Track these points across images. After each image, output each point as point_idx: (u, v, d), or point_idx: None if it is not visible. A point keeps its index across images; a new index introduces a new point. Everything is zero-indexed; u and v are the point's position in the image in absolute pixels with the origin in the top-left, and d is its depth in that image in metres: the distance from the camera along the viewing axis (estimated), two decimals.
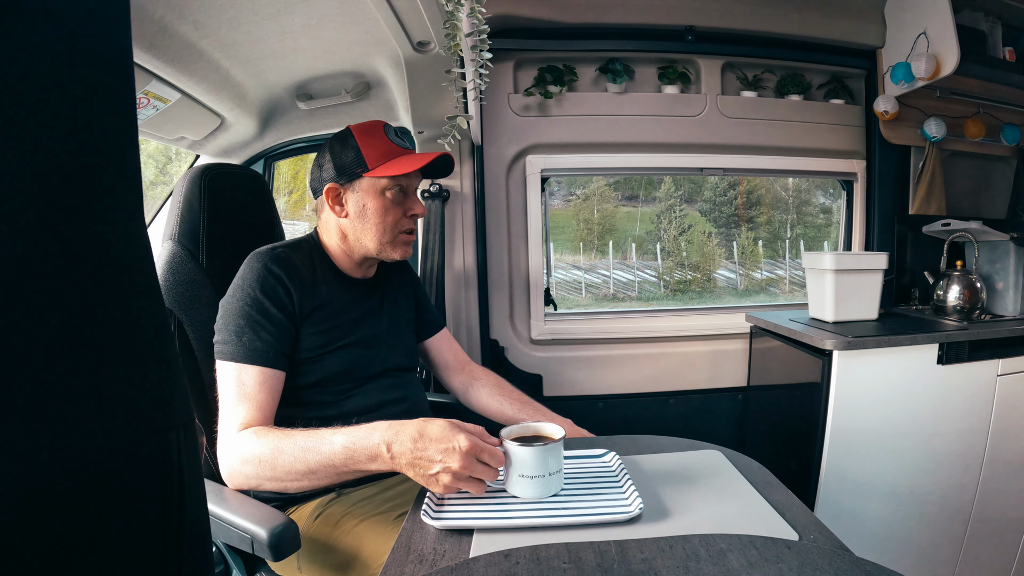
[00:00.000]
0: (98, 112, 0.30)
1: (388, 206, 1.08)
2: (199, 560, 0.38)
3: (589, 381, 2.10)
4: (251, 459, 0.88)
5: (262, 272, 1.02)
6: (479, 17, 1.09)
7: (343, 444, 0.84)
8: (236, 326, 0.98)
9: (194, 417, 0.38)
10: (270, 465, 0.87)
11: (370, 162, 1.06)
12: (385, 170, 1.05)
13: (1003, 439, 1.70)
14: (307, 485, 0.88)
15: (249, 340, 0.97)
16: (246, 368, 0.96)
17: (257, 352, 0.96)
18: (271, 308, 0.99)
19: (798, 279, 3.62)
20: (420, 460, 0.78)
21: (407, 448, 0.79)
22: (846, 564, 0.58)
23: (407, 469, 0.80)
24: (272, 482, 0.88)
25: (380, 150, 1.06)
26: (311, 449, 0.86)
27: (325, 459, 0.85)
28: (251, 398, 0.95)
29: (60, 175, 0.28)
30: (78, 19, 0.28)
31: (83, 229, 0.29)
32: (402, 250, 1.12)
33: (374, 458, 0.82)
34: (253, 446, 0.89)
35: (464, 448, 0.76)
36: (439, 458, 0.77)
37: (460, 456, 0.76)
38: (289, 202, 3.20)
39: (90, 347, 0.30)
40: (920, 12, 1.90)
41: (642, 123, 2.05)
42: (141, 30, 1.08)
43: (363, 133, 1.08)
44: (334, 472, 0.86)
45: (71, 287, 0.29)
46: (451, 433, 0.77)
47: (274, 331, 0.99)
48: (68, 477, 0.28)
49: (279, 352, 0.99)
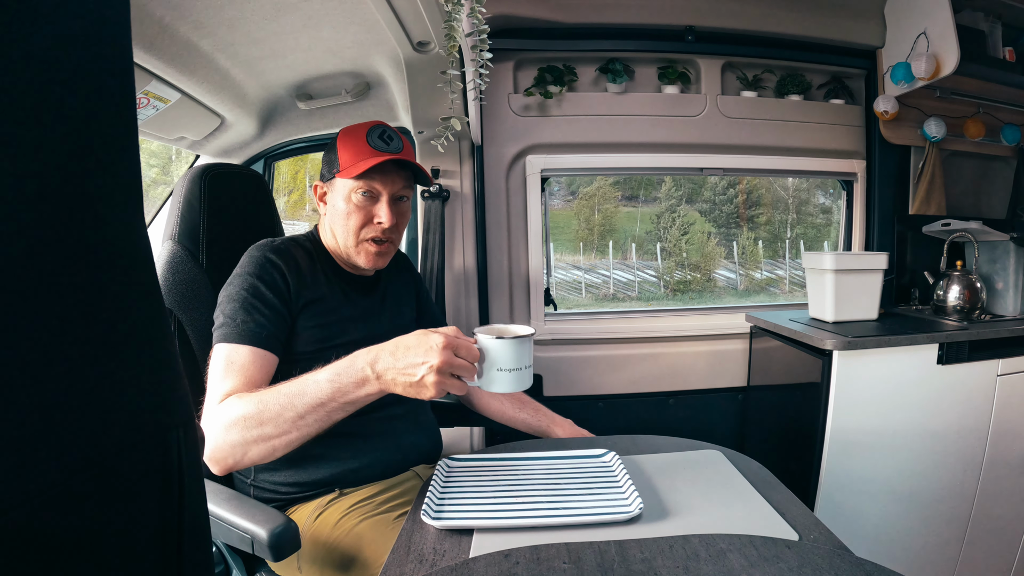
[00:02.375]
0: (98, 112, 0.30)
1: (352, 209, 1.06)
2: (199, 560, 0.38)
3: (589, 381, 2.10)
4: (235, 421, 0.85)
5: (260, 260, 1.03)
6: (479, 17, 1.09)
7: (327, 379, 0.84)
8: (231, 310, 0.98)
9: (194, 417, 0.38)
10: (256, 421, 0.84)
11: (342, 162, 1.06)
12: (348, 172, 1.04)
13: (1003, 439, 1.70)
14: (296, 438, 0.86)
15: (243, 321, 0.96)
16: (238, 348, 0.95)
17: (250, 332, 0.96)
18: (267, 293, 1.00)
19: (798, 279, 3.62)
20: (404, 369, 0.79)
21: (389, 363, 0.81)
22: (846, 564, 0.58)
23: (394, 385, 0.81)
24: (259, 444, 0.85)
25: (352, 151, 1.06)
26: (296, 394, 0.84)
27: (312, 399, 0.83)
28: (240, 371, 0.93)
29: (60, 175, 0.28)
30: (78, 19, 0.28)
31: (83, 229, 0.29)
32: (367, 258, 1.09)
33: (361, 383, 0.82)
34: (236, 408, 0.86)
35: (441, 344, 0.78)
36: (421, 360, 0.78)
37: (439, 352, 0.77)
38: (289, 202, 3.20)
39: (90, 347, 0.30)
40: (920, 12, 1.90)
41: (642, 123, 2.05)
42: (141, 30, 1.08)
43: (346, 133, 1.08)
44: (324, 412, 0.84)
45: (71, 287, 0.29)
46: (425, 336, 0.80)
47: (269, 314, 0.99)
48: (68, 477, 0.28)
49: (272, 335, 0.98)
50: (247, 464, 0.89)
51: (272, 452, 0.87)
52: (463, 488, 0.85)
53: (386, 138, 1.08)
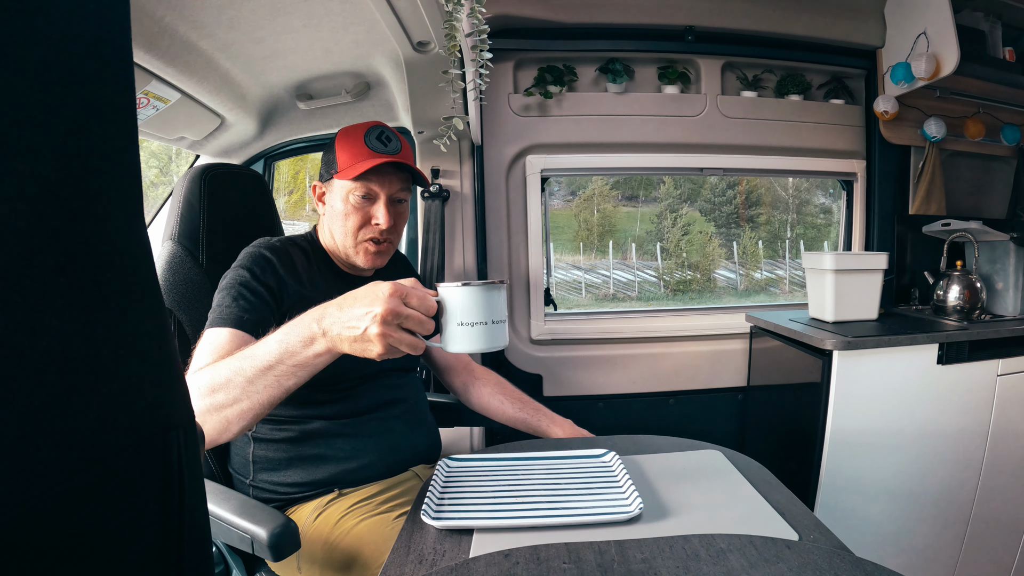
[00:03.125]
0: (98, 112, 0.30)
1: (350, 211, 1.07)
2: (199, 560, 0.38)
3: (589, 381, 2.10)
4: (194, 391, 0.80)
5: (254, 254, 1.05)
6: (479, 17, 1.09)
7: (276, 339, 0.78)
8: (219, 299, 1.00)
9: (194, 417, 0.38)
10: (208, 389, 0.80)
11: (340, 164, 1.06)
12: (346, 173, 1.05)
13: (1003, 439, 1.70)
14: (248, 408, 0.79)
15: (227, 307, 0.97)
16: (219, 331, 0.95)
17: (232, 317, 0.96)
18: (254, 283, 1.01)
19: (798, 279, 3.62)
20: (348, 322, 0.72)
21: (336, 317, 0.74)
22: (846, 564, 0.58)
23: (340, 341, 0.74)
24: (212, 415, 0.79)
25: (350, 152, 1.06)
26: (246, 357, 0.79)
27: (261, 362, 0.78)
28: (215, 351, 0.91)
29: (60, 175, 0.28)
30: (78, 19, 0.28)
31: (83, 229, 0.29)
32: (365, 257, 1.10)
33: (309, 341, 0.76)
34: (193, 379, 0.82)
35: (387, 292, 0.70)
36: (364, 311, 0.71)
37: (384, 300, 0.70)
38: (289, 202, 3.20)
39: (90, 347, 0.30)
40: (920, 12, 1.90)
41: (642, 123, 2.05)
42: (141, 30, 1.08)
43: (345, 134, 1.08)
44: (273, 376, 0.78)
45: (70, 287, 0.29)
46: (374, 286, 0.73)
47: (255, 301, 0.99)
48: (67, 477, 0.28)
49: (254, 321, 0.96)
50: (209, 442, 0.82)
51: (226, 425, 0.80)
52: (463, 488, 0.85)
53: (384, 139, 1.08)
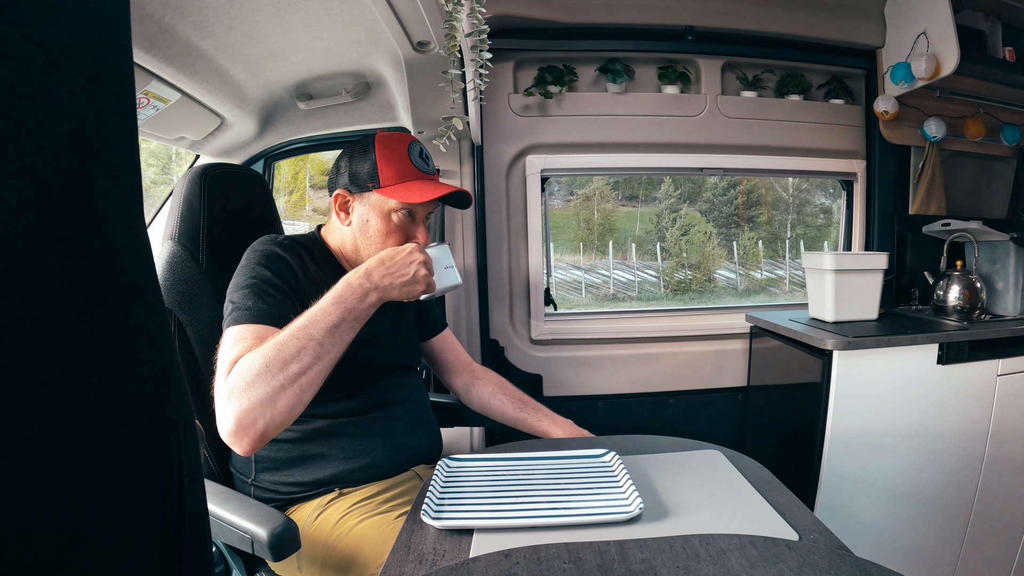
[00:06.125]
0: (98, 112, 0.30)
1: (392, 229, 1.05)
2: (199, 560, 0.38)
3: (589, 381, 2.10)
4: (257, 375, 0.82)
5: (268, 251, 1.02)
6: (479, 17, 1.09)
7: (331, 303, 0.89)
8: (240, 297, 0.96)
9: (194, 417, 0.38)
10: (280, 364, 0.82)
11: (384, 179, 1.03)
12: (396, 192, 1.02)
13: (1003, 439, 1.70)
14: (318, 371, 0.85)
15: (253, 304, 0.94)
16: (248, 327, 0.92)
17: (262, 313, 0.93)
18: (275, 279, 0.98)
19: (798, 279, 3.62)
20: (398, 272, 0.94)
21: (382, 272, 0.93)
22: (846, 564, 0.58)
23: (392, 289, 0.93)
24: (288, 389, 0.82)
25: (397, 169, 1.03)
26: (308, 325, 0.87)
27: (326, 324, 0.87)
28: (248, 343, 0.89)
29: (60, 175, 0.28)
30: (78, 19, 0.28)
31: (83, 229, 0.29)
32: None
33: (363, 295, 0.91)
34: (252, 363, 0.83)
35: (415, 247, 0.97)
36: (408, 261, 0.95)
37: (418, 251, 0.96)
38: (289, 202, 3.20)
39: (90, 347, 0.30)
40: (920, 12, 1.90)
41: (642, 123, 2.05)
42: (141, 30, 1.08)
43: (385, 146, 1.05)
44: (338, 335, 0.88)
45: (71, 287, 0.29)
46: (397, 248, 0.97)
47: (280, 297, 0.97)
48: (68, 477, 0.28)
49: (284, 316, 0.94)
50: (276, 422, 0.83)
51: (300, 395, 0.84)
52: (463, 488, 0.85)
53: (424, 157, 1.08)
